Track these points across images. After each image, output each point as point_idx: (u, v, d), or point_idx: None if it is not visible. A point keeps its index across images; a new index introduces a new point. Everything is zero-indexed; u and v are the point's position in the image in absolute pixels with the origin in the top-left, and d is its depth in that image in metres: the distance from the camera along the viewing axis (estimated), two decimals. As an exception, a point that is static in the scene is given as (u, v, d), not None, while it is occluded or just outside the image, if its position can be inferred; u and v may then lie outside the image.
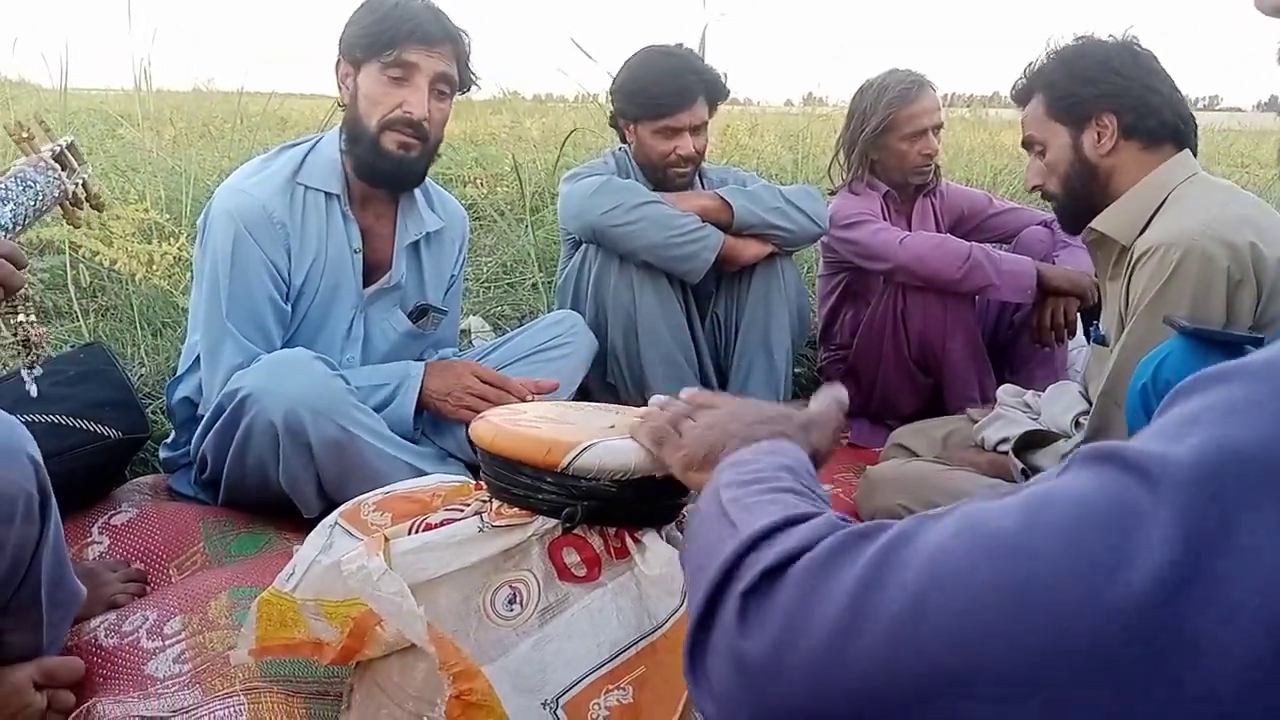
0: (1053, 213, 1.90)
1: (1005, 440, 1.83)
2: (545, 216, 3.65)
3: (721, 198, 2.13)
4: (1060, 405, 1.82)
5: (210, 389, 1.68)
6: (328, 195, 1.74)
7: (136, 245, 2.52)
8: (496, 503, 0.99)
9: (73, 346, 2.11)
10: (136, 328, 2.47)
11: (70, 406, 1.65)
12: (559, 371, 1.95)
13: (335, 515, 1.10)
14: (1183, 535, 0.38)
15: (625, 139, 2.26)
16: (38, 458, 1.02)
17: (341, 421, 1.55)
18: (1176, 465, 0.40)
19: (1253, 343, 1.32)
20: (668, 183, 2.19)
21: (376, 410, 1.67)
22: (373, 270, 1.82)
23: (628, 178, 2.19)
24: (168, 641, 1.28)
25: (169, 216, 2.87)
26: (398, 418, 1.71)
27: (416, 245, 1.87)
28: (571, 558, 0.96)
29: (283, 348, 1.71)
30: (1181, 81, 1.62)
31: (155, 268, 2.51)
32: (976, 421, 1.96)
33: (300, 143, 1.81)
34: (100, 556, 1.56)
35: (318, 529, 1.09)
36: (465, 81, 1.78)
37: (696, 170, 2.26)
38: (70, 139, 1.18)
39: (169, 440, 1.86)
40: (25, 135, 1.12)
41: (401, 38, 1.64)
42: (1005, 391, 2.00)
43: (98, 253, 2.49)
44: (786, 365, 2.23)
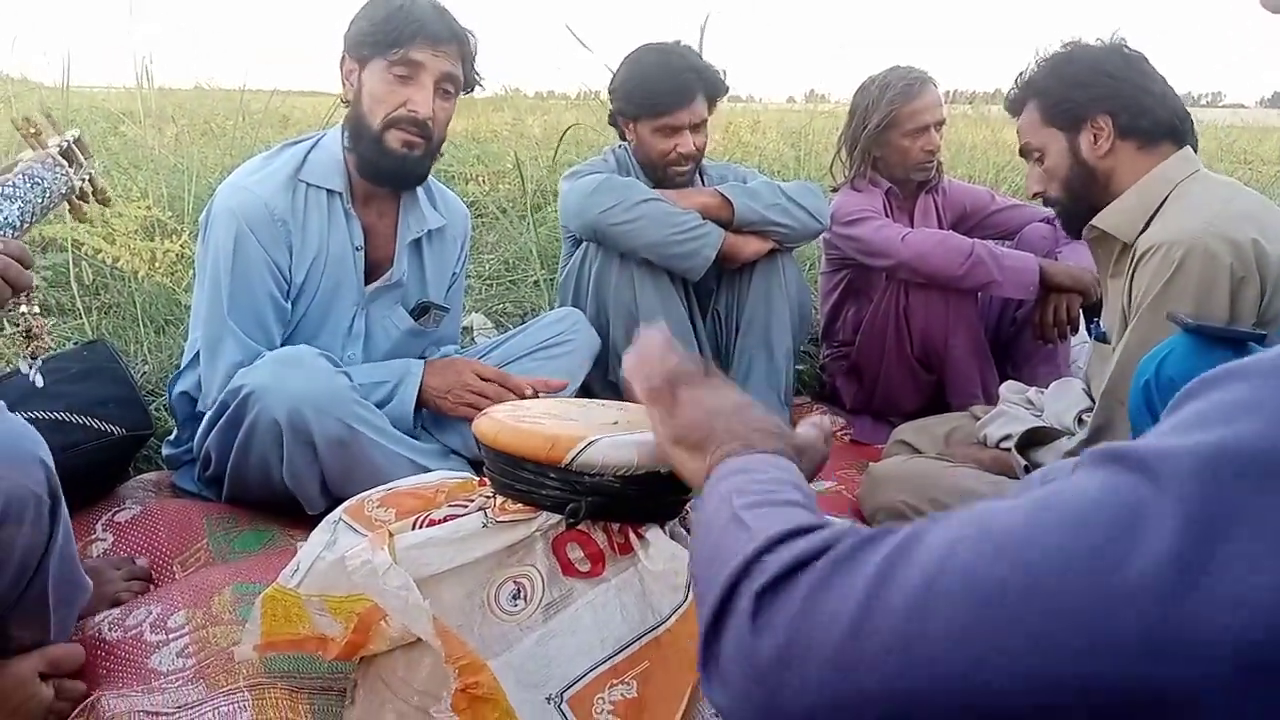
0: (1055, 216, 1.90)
1: (1008, 437, 1.83)
2: (547, 214, 3.64)
3: (722, 195, 2.12)
4: (1063, 402, 1.82)
5: (210, 385, 1.68)
6: (330, 193, 1.74)
7: (139, 243, 2.52)
8: (500, 498, 0.99)
9: (76, 344, 2.11)
10: (139, 325, 2.47)
11: (74, 403, 1.66)
12: (561, 369, 1.96)
13: (339, 511, 1.10)
14: (1185, 526, 0.38)
15: (625, 137, 2.26)
16: (49, 462, 1.02)
17: (345, 419, 1.55)
18: (1180, 459, 0.40)
19: (1256, 339, 1.32)
20: (668, 181, 2.19)
21: (377, 407, 1.68)
22: (374, 268, 1.82)
23: (628, 175, 2.19)
24: (171, 636, 1.28)
25: (171, 214, 2.87)
26: (398, 415, 1.71)
27: (418, 243, 1.87)
28: (575, 553, 0.96)
29: (284, 345, 1.71)
30: (1184, 78, 1.64)
31: (158, 265, 2.51)
32: (979, 418, 1.96)
33: (303, 140, 1.81)
34: (104, 553, 1.56)
35: (322, 525, 1.09)
36: (470, 81, 1.78)
37: (697, 167, 2.26)
38: (77, 133, 1.18)
39: (172, 437, 1.86)
40: (32, 131, 1.11)
41: (408, 36, 1.64)
42: (1008, 388, 2.00)
43: (100, 250, 2.49)
44: (788, 362, 2.23)
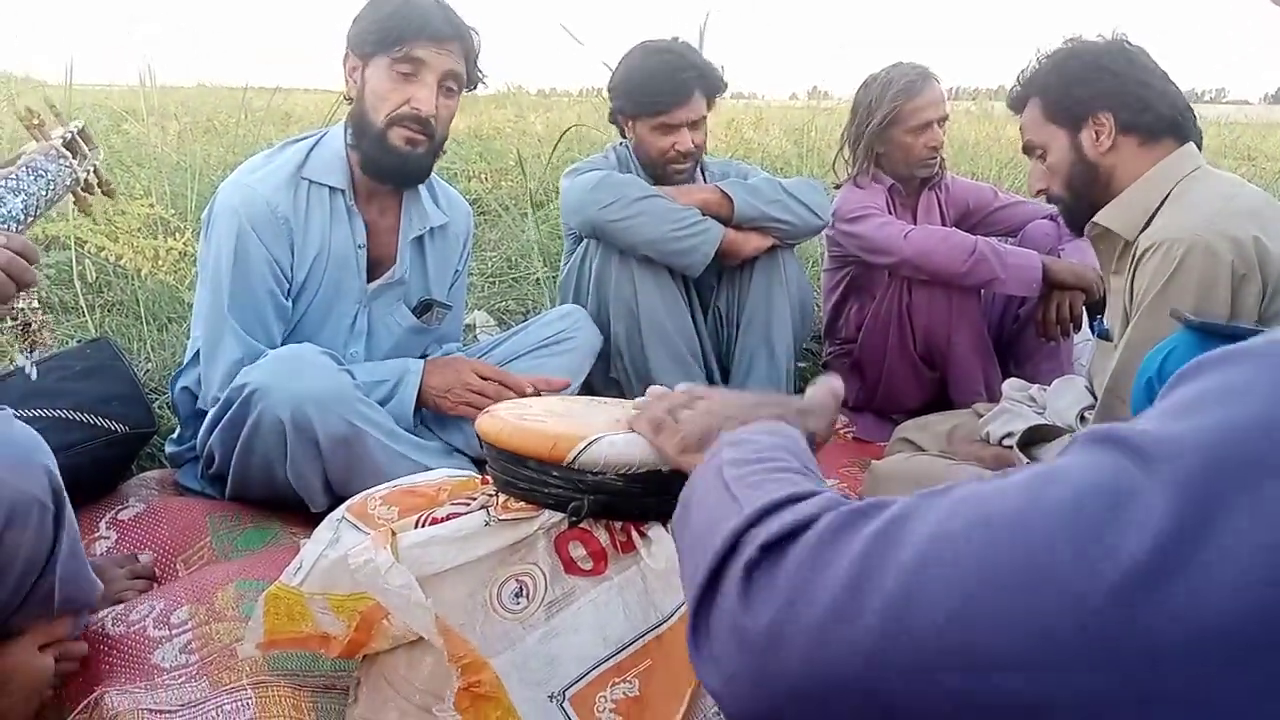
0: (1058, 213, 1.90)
1: (1010, 435, 1.83)
2: (549, 211, 3.65)
3: (721, 191, 2.12)
4: (1065, 400, 1.82)
5: (209, 383, 1.68)
6: (332, 190, 1.74)
7: (142, 240, 2.53)
8: (503, 497, 0.99)
9: (79, 342, 2.11)
10: (142, 323, 2.48)
11: (77, 401, 1.66)
12: (564, 366, 1.96)
13: (342, 509, 1.10)
14: (1175, 511, 0.38)
15: (625, 134, 2.26)
16: (53, 468, 1.03)
17: (348, 417, 1.55)
18: (1172, 443, 0.40)
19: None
20: (667, 178, 2.18)
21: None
22: (377, 265, 1.82)
23: (628, 173, 2.19)
24: (174, 631, 1.28)
25: (174, 212, 2.87)
26: (398, 413, 1.71)
27: (421, 240, 1.87)
28: (578, 551, 0.96)
29: (286, 342, 1.71)
30: (1187, 75, 1.62)
31: (161, 263, 2.52)
32: (982, 416, 1.96)
33: (305, 138, 1.81)
34: (108, 551, 1.56)
35: (325, 523, 1.10)
36: (473, 79, 1.78)
37: (697, 165, 2.25)
38: (80, 124, 1.17)
39: (175, 435, 1.86)
40: (35, 122, 1.10)
41: (411, 34, 1.64)
42: (1010, 386, 2.00)
43: (103, 248, 2.49)
44: (789, 359, 2.23)
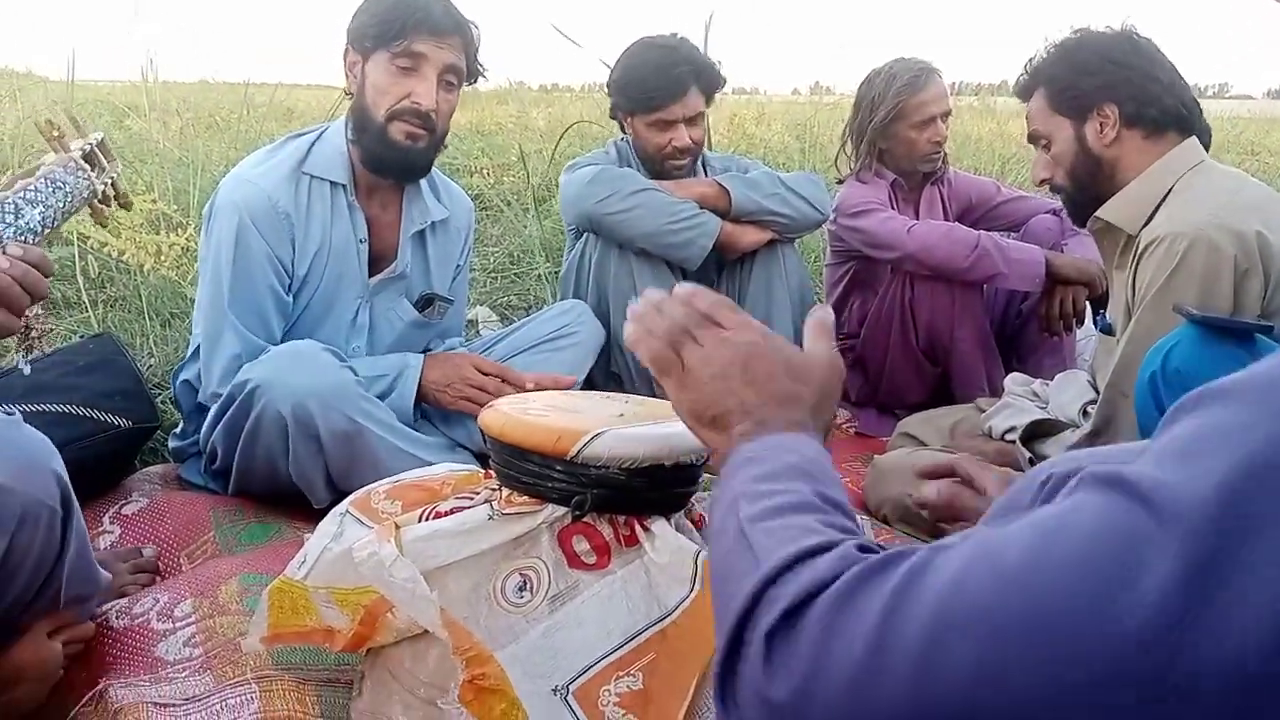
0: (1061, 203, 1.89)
1: (1013, 429, 1.83)
2: (551, 206, 3.65)
3: (719, 184, 2.12)
4: (1068, 394, 1.82)
5: (209, 377, 1.69)
6: (333, 185, 1.74)
7: (145, 236, 2.53)
8: (506, 491, 0.99)
9: (82, 337, 2.11)
10: (145, 318, 2.48)
11: (80, 396, 1.66)
12: (566, 361, 1.96)
13: (346, 504, 1.10)
14: (1186, 566, 0.39)
15: (625, 130, 2.26)
16: (62, 473, 1.04)
17: (350, 413, 1.55)
18: (1181, 495, 0.40)
19: (1263, 330, 1.32)
20: (666, 174, 2.18)
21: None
22: (378, 259, 1.82)
23: (628, 168, 2.18)
24: (178, 624, 1.28)
25: (177, 207, 2.88)
26: (397, 408, 1.72)
27: (422, 234, 1.87)
28: (581, 545, 0.96)
29: (288, 337, 1.72)
30: (1190, 69, 1.61)
31: (163, 258, 2.52)
32: (984, 410, 1.96)
33: (306, 132, 1.81)
34: (111, 546, 1.57)
35: (329, 517, 1.10)
36: (473, 73, 1.78)
37: (696, 160, 2.25)
38: (100, 136, 1.15)
39: (178, 430, 1.87)
40: (55, 134, 1.09)
41: (411, 28, 1.63)
42: (1013, 380, 2.00)
43: (106, 244, 2.50)
44: (790, 354, 2.22)
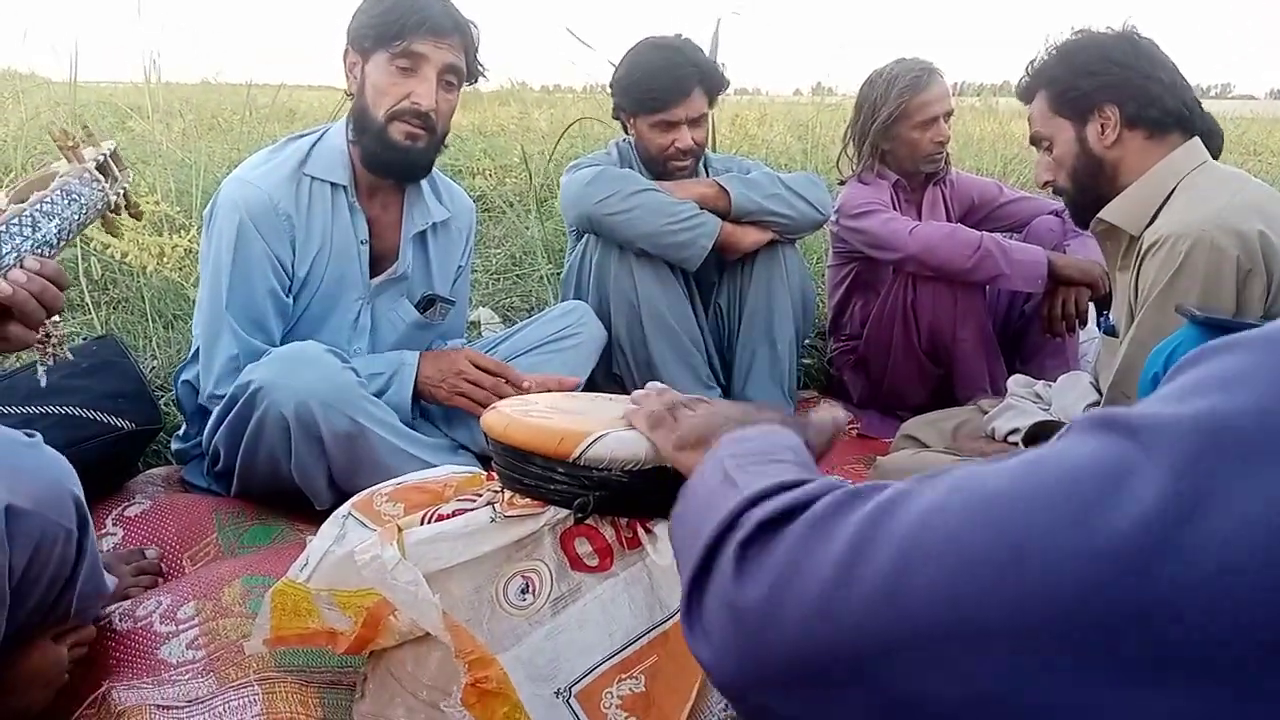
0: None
1: (1015, 431, 1.82)
2: (553, 208, 3.64)
3: (719, 185, 2.12)
4: (1071, 395, 1.82)
5: (207, 379, 1.69)
6: (334, 186, 1.74)
7: (147, 238, 2.52)
8: (508, 493, 1.00)
9: (85, 339, 2.12)
10: (148, 320, 2.48)
11: (83, 398, 1.66)
12: (568, 362, 1.96)
13: (348, 506, 1.11)
14: (1172, 491, 0.38)
15: (627, 131, 2.26)
16: (80, 495, 1.04)
17: (352, 414, 1.55)
18: (1170, 423, 0.40)
19: (1265, 331, 1.31)
20: (668, 175, 2.18)
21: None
22: (379, 260, 1.82)
23: (629, 169, 2.18)
24: (181, 627, 1.29)
25: (179, 209, 2.88)
26: (394, 405, 1.71)
27: (423, 235, 1.87)
28: (583, 548, 0.96)
29: (290, 339, 1.71)
30: (1193, 70, 1.61)
31: (166, 260, 2.51)
32: (987, 412, 1.96)
33: (307, 134, 1.81)
34: (114, 548, 1.57)
35: (331, 519, 1.10)
36: (473, 73, 1.78)
37: (698, 161, 2.25)
38: (113, 145, 1.15)
39: (181, 432, 1.87)
40: (71, 144, 1.08)
41: (410, 28, 1.64)
42: (1016, 382, 2.00)
43: (109, 245, 2.50)
44: (790, 354, 2.23)
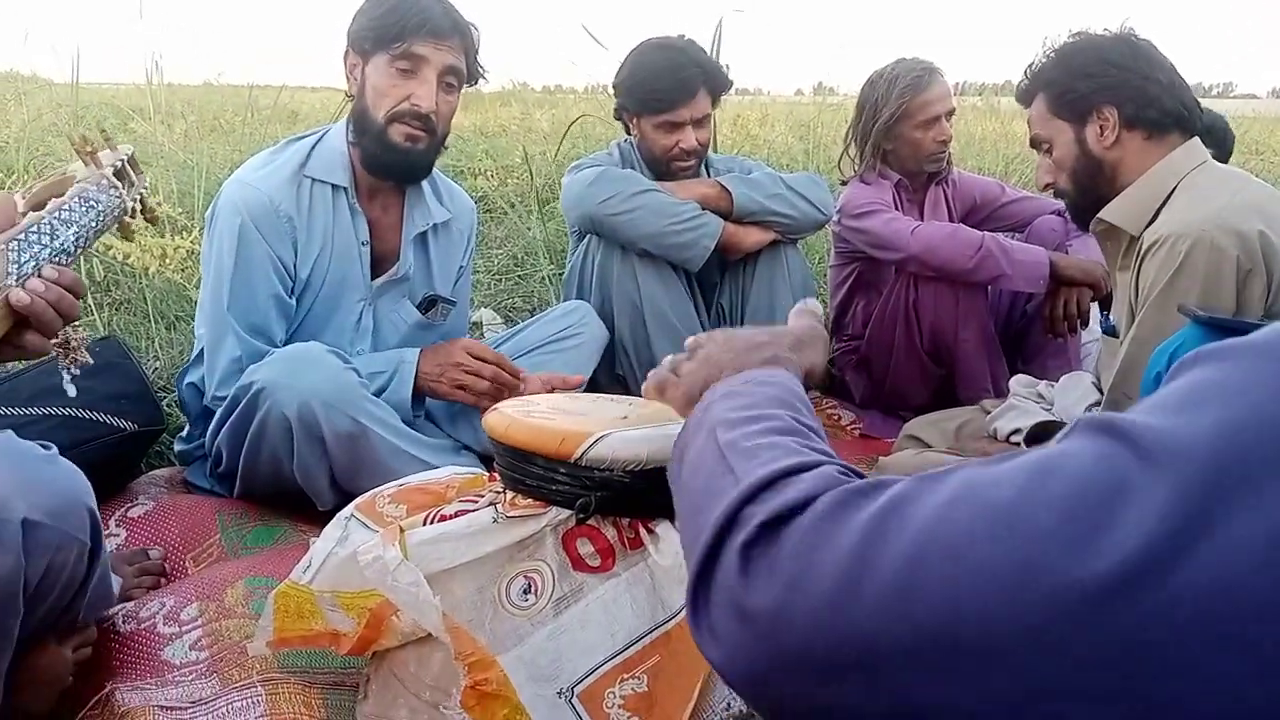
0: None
1: (1017, 431, 1.82)
2: (555, 208, 3.65)
3: (721, 185, 2.12)
4: (1073, 396, 1.82)
5: (210, 380, 1.69)
6: (335, 188, 1.74)
7: (150, 239, 2.53)
8: (510, 494, 1.00)
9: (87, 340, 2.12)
10: (150, 321, 2.49)
11: (86, 400, 1.66)
12: (571, 362, 1.96)
13: (351, 507, 1.11)
14: (1174, 510, 0.38)
15: (630, 131, 2.26)
16: (94, 508, 1.05)
17: (354, 414, 1.55)
18: (1171, 440, 0.40)
19: (1268, 331, 1.31)
20: (671, 175, 2.18)
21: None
22: (380, 262, 1.82)
23: (631, 170, 2.18)
24: (184, 628, 1.29)
25: (181, 210, 2.88)
26: (395, 403, 1.71)
27: (424, 236, 1.87)
28: (585, 548, 0.96)
29: (292, 340, 1.72)
30: (1194, 69, 1.61)
31: (168, 262, 2.52)
32: (989, 412, 1.96)
33: (307, 135, 1.81)
34: (117, 549, 1.57)
35: (334, 521, 1.10)
36: (473, 74, 1.78)
37: (701, 162, 2.25)
38: (130, 150, 1.15)
39: (184, 433, 1.87)
40: (89, 149, 1.08)
41: (410, 30, 1.64)
42: (1018, 382, 1.99)
43: (111, 247, 2.50)
44: (793, 355, 2.22)
